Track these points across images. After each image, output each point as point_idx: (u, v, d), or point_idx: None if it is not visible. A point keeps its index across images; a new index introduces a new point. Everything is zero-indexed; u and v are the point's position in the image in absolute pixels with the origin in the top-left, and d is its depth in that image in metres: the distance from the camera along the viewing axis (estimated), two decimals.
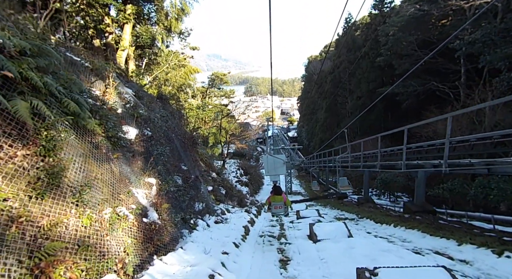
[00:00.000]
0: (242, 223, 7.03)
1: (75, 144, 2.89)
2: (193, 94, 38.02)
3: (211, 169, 12.23)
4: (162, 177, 5.35)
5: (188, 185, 6.60)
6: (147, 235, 3.43)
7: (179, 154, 7.32)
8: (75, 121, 2.90)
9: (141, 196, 4.32)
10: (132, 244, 3.03)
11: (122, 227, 3.04)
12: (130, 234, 3.15)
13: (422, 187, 8.09)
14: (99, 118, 3.59)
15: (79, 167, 2.82)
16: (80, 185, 2.63)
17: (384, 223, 7.47)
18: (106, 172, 3.49)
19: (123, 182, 3.98)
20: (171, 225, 4.34)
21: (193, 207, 6.50)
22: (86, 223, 2.47)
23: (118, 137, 4.12)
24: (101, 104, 3.95)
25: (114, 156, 3.76)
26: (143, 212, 3.87)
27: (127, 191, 3.64)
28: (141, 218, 3.60)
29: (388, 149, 9.68)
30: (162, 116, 7.66)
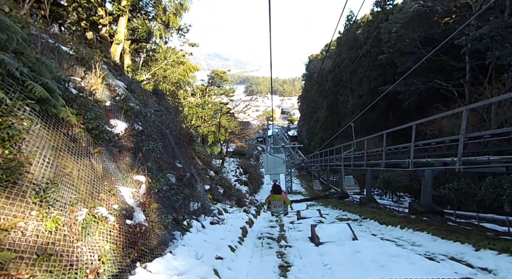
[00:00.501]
0: (240, 224, 6.65)
1: (44, 135, 2.50)
2: (193, 92, 37.64)
3: (209, 168, 11.85)
4: (153, 174, 4.97)
5: (183, 184, 6.22)
6: (130, 239, 3.05)
7: (173, 150, 6.94)
8: (43, 108, 2.52)
9: (127, 195, 3.94)
10: (110, 251, 2.65)
11: (99, 230, 2.66)
12: (109, 238, 2.77)
13: (429, 186, 7.70)
14: (77, 108, 3.21)
15: (48, 162, 2.44)
16: (46, 182, 2.24)
17: (390, 225, 7.09)
18: (84, 168, 3.11)
19: (108, 179, 3.61)
20: (160, 227, 3.96)
21: (187, 207, 6.12)
22: (51, 227, 2.09)
23: (102, 130, 3.74)
24: (79, 91, 3.55)
25: (95, 150, 3.37)
26: (128, 213, 3.49)
27: (109, 190, 3.26)
28: (124, 219, 3.22)
29: (393, 147, 9.29)
30: (156, 110, 7.28)
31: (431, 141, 7.48)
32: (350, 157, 11.81)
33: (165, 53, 20.90)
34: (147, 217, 3.79)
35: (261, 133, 71.83)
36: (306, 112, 58.24)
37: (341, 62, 35.61)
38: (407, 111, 26.78)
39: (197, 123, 33.55)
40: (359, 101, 31.17)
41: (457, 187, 9.91)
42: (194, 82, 35.04)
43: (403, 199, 16.68)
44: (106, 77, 5.55)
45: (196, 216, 6.26)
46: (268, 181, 31.46)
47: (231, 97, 35.36)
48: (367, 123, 30.64)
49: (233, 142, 28.73)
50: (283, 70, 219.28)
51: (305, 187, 23.14)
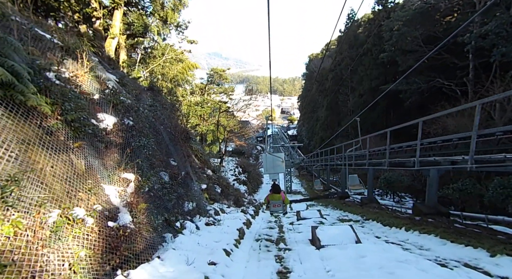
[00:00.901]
0: (237, 225, 6.33)
1: (8, 126, 2.18)
2: (192, 91, 37.28)
3: (206, 166, 11.53)
4: (144, 172, 4.66)
5: (177, 182, 5.90)
6: (111, 244, 2.74)
7: (167, 148, 6.62)
8: (8, 94, 2.20)
9: (113, 195, 3.62)
10: (85, 257, 2.33)
11: (73, 234, 2.34)
12: (85, 243, 2.45)
13: (434, 187, 7.40)
14: (54, 97, 2.88)
15: (11, 156, 2.12)
16: (6, 179, 1.92)
17: (394, 226, 6.78)
18: (62, 165, 2.79)
19: (91, 177, 3.30)
20: (148, 229, 3.65)
21: (181, 207, 5.81)
22: (8, 232, 1.77)
23: (85, 123, 3.42)
24: (61, 81, 3.23)
25: (75, 145, 3.06)
26: (112, 214, 3.18)
27: (90, 188, 2.94)
28: (105, 221, 2.90)
29: (396, 145, 8.98)
30: (150, 106, 6.96)
31: (437, 139, 7.16)
32: (352, 156, 11.49)
33: (163, 50, 20.56)
34: (134, 219, 3.48)
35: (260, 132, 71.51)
36: (306, 111, 57.96)
37: (341, 61, 35.29)
38: (408, 110, 26.47)
39: (196, 122, 33.25)
40: (360, 100, 30.85)
41: (461, 188, 9.61)
42: (193, 81, 34.70)
43: (404, 200, 16.38)
44: (95, 69, 5.23)
45: (190, 217, 5.95)
46: (267, 180, 31.17)
47: (231, 96, 35.02)
48: (368, 123, 30.32)
49: (232, 141, 28.41)
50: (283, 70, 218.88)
51: (305, 187, 22.85)
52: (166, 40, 20.71)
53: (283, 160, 23.08)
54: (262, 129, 71.92)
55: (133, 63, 12.67)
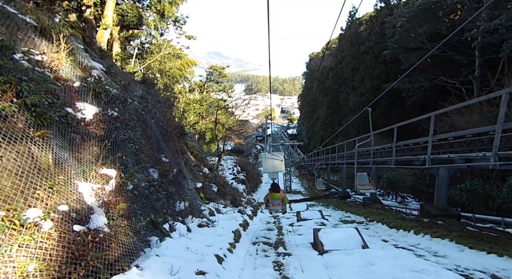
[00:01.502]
0: (233, 226, 5.86)
1: None
2: (191, 88, 36.81)
3: (203, 164, 11.06)
4: (128, 168, 4.18)
5: (167, 180, 5.43)
6: (75, 252, 2.26)
7: (158, 143, 6.14)
8: None
9: (87, 193, 3.15)
10: (35, 272, 1.86)
11: (20, 243, 1.87)
12: (37, 253, 1.98)
13: (444, 187, 6.93)
14: (7, 75, 2.40)
15: None
16: None
17: (401, 229, 6.32)
18: (16, 156, 2.32)
19: (62, 172, 2.83)
20: (127, 233, 3.17)
21: (172, 207, 5.33)
22: None
23: (52, 110, 2.94)
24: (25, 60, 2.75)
25: (36, 133, 2.58)
26: (81, 216, 2.70)
27: (51, 185, 2.46)
28: (70, 225, 2.43)
29: (402, 143, 8.51)
30: (141, 98, 6.47)
31: (448, 135, 6.68)
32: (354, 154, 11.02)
33: (160, 46, 20.07)
34: (110, 221, 3.00)
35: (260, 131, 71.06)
36: (306, 110, 57.50)
37: (342, 59, 34.80)
38: (410, 109, 26.02)
39: (194, 120, 32.80)
40: (361, 99, 30.38)
41: (469, 188, 9.15)
42: (192, 78, 34.22)
43: (407, 200, 15.94)
44: (77, 54, 4.75)
45: (182, 218, 5.48)
46: (266, 180, 30.72)
47: (230, 93, 34.53)
48: (368, 122, 29.85)
49: (231, 139, 27.92)
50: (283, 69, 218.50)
51: (306, 186, 22.41)
52: (163, 35, 20.21)
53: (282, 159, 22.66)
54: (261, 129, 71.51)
55: (127, 56, 12.18)
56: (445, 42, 6.34)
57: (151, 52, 20.12)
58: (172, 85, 22.69)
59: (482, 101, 8.22)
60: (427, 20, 19.26)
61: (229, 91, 35.51)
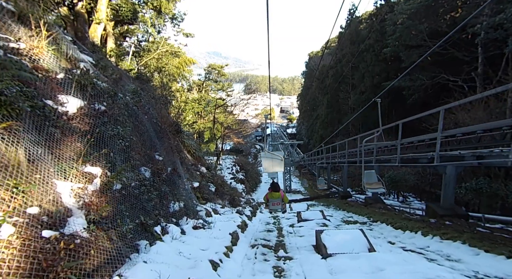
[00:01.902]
0: (230, 228, 5.55)
1: None
2: (189, 87, 36.46)
3: (200, 163, 10.74)
4: (116, 166, 3.87)
5: (160, 180, 5.11)
6: (43, 262, 1.95)
7: (152, 140, 5.82)
8: None
9: (67, 193, 2.84)
10: None
11: None
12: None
13: (451, 185, 6.63)
14: None
15: None
16: None
17: (407, 230, 6.01)
18: None
19: (36, 170, 2.52)
20: (111, 237, 2.85)
21: (165, 207, 5.01)
22: None
23: (23, 99, 2.61)
24: None
25: (1, 125, 2.25)
26: (55, 220, 2.38)
27: (15, 185, 2.14)
28: (39, 230, 2.11)
29: (407, 140, 8.20)
30: (134, 92, 6.15)
31: (457, 131, 6.38)
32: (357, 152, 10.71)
33: (158, 44, 19.72)
34: (90, 224, 2.68)
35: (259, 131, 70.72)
36: (306, 109, 57.22)
37: (342, 57, 34.51)
38: (411, 108, 25.76)
39: (193, 119, 32.46)
40: (361, 98, 30.10)
41: (475, 187, 8.87)
42: (190, 77, 33.88)
43: (409, 200, 15.65)
44: (61, 44, 4.43)
45: (176, 219, 5.16)
46: (266, 179, 30.42)
47: (229, 92, 34.15)
48: (369, 120, 29.59)
49: (230, 138, 27.60)
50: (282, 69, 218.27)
51: (306, 186, 22.11)
52: (161, 32, 19.89)
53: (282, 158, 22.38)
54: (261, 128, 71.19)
55: (122, 52, 11.83)
56: (447, 38, 6.24)
57: (148, 50, 19.78)
58: (170, 83, 22.33)
59: (489, 96, 7.95)
60: (428, 17, 18.97)
61: (228, 90, 35.17)
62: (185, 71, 30.61)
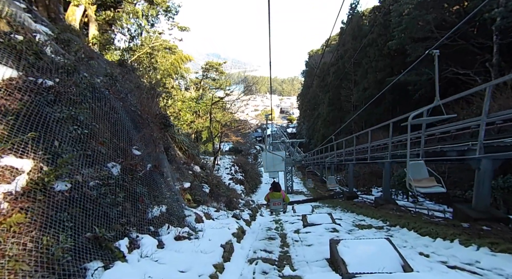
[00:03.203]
0: (223, 237, 4.52)
1: None
2: (187, 86, 35.53)
3: (193, 162, 9.71)
4: (62, 159, 2.84)
5: (134, 179, 4.07)
6: None
7: (128, 132, 4.78)
8: None
9: None
10: None
11: None
12: None
13: (486, 183, 5.60)
14: None
15: None
16: None
17: (439, 237, 4.96)
18: None
19: None
20: (29, 262, 1.82)
21: (141, 213, 3.97)
22: None
23: None
24: None
25: None
26: None
27: None
28: None
29: (428, 131, 7.18)
30: (106, 75, 5.12)
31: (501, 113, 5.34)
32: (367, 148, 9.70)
33: (151, 38, 18.75)
34: None
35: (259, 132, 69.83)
36: (306, 109, 56.23)
37: (344, 53, 33.51)
38: (416, 104, 24.79)
39: (191, 119, 31.48)
40: (364, 94, 29.10)
41: (503, 185, 7.85)
42: (188, 75, 32.97)
43: (420, 201, 14.60)
44: None
45: (155, 227, 4.11)
46: (266, 180, 29.38)
47: (227, 91, 33.16)
48: (373, 118, 28.63)
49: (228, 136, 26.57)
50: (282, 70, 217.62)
51: (310, 186, 21.05)
52: (154, 26, 18.94)
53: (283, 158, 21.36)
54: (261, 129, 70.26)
55: (107, 41, 10.82)
56: (459, 26, 5.75)
57: (141, 44, 18.82)
58: (164, 79, 21.33)
59: None
60: (436, 6, 17.99)
61: (226, 88, 34.17)
62: (182, 69, 29.65)
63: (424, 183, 4.77)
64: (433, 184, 4.73)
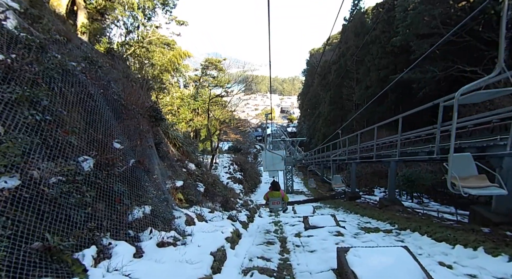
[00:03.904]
0: (215, 243, 3.97)
1: None
2: (185, 83, 34.96)
3: (188, 159, 9.16)
4: (8, 149, 2.28)
5: (110, 175, 3.51)
6: None
7: (107, 122, 4.22)
8: None
9: None
10: None
11: None
12: None
13: (510, 184, 5.02)
14: None
15: None
16: None
17: (458, 244, 4.39)
18: None
19: None
20: None
21: (118, 215, 3.41)
22: None
23: None
24: None
25: None
26: None
27: None
28: None
29: (461, 122, 6.60)
30: (87, 60, 4.55)
31: None
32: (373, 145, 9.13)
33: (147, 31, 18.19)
34: None
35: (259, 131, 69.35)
36: (307, 108, 55.65)
37: (346, 51, 32.90)
38: (420, 103, 24.23)
39: (189, 117, 30.94)
40: (366, 93, 28.53)
41: None
42: (186, 72, 32.41)
43: (426, 202, 14.03)
44: None
45: (136, 231, 3.54)
46: (266, 179, 28.84)
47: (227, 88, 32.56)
48: (375, 117, 28.07)
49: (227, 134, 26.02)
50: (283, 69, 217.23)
51: (313, 186, 20.51)
52: (151, 19, 18.38)
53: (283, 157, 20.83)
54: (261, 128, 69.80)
55: (97, 31, 10.26)
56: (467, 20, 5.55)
57: (137, 39, 18.27)
58: (161, 75, 20.76)
59: None
60: (443, 1, 17.38)
61: (226, 86, 33.57)
62: (181, 66, 29.08)
63: (473, 182, 3.72)
64: (486, 184, 3.69)
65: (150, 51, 18.77)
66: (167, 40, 22.60)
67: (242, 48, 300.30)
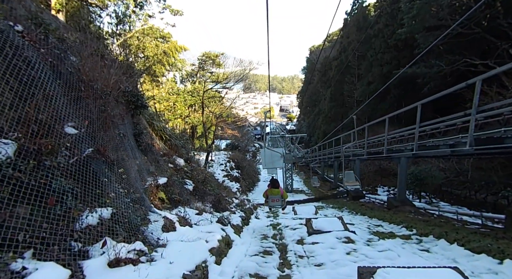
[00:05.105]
0: (194, 257, 3.02)
1: None
2: (182, 78, 33.94)
3: (177, 154, 8.20)
4: None
5: (38, 167, 2.53)
6: None
7: (56, 100, 3.24)
8: None
9: None
10: None
11: None
12: None
13: None
14: None
15: None
16: None
17: (506, 258, 3.45)
18: None
19: None
20: None
21: (55, 222, 2.44)
22: None
23: None
24: None
25: None
26: None
27: None
28: None
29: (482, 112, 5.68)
30: (32, 18, 3.57)
31: None
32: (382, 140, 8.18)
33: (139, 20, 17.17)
34: None
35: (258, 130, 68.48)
36: (307, 105, 54.70)
37: (348, 45, 31.91)
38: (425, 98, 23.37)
39: (186, 112, 29.97)
40: (368, 89, 27.58)
41: None
42: (183, 67, 31.38)
43: (435, 202, 13.13)
44: None
45: (84, 244, 2.58)
46: (265, 178, 27.91)
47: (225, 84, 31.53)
48: (377, 113, 27.10)
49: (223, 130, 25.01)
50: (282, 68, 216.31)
51: (317, 185, 19.60)
52: (143, 8, 17.36)
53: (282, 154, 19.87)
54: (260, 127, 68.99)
55: (76, 10, 9.23)
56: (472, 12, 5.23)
57: (129, 29, 17.25)
58: (155, 67, 19.74)
59: None
60: None
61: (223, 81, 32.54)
62: (177, 60, 28.06)
63: None
64: None
65: (142, 41, 17.74)
66: (162, 33, 21.59)
67: (241, 47, 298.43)
